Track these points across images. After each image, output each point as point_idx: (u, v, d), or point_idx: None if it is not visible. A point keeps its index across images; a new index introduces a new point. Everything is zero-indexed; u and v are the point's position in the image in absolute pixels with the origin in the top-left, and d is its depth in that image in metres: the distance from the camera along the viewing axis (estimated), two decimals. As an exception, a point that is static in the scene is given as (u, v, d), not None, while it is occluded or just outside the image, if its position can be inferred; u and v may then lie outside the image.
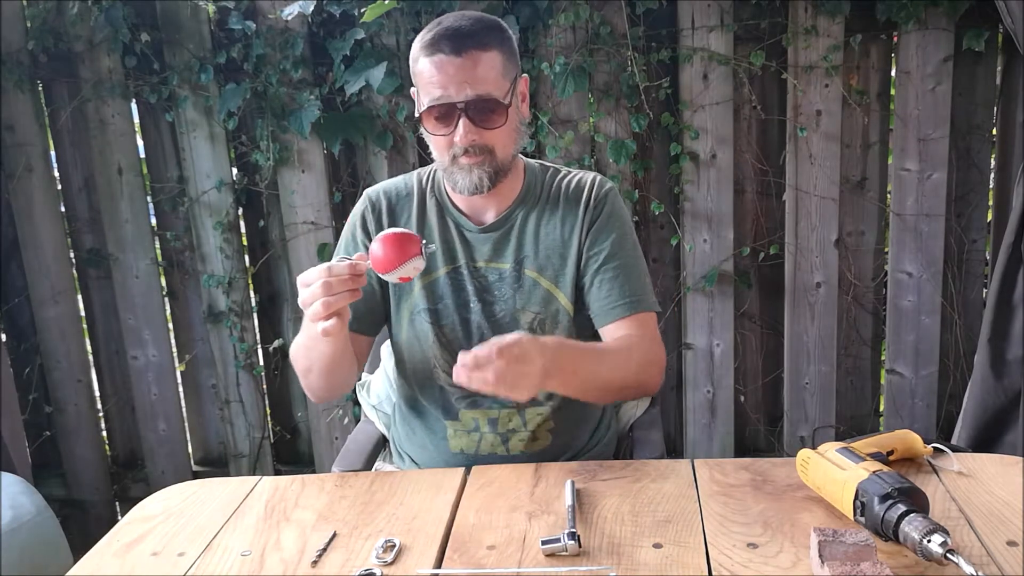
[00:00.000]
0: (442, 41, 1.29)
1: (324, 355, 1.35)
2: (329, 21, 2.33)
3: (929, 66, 2.24)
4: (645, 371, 1.40)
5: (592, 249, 1.42)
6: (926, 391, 2.45)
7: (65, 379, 2.67)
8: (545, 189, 1.47)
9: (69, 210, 2.60)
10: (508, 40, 1.35)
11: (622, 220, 1.46)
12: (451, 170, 1.37)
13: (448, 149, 1.34)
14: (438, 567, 1.03)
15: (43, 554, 1.71)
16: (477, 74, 1.29)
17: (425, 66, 1.31)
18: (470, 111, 1.30)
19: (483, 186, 1.36)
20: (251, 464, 2.66)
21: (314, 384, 1.43)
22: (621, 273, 1.41)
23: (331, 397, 1.51)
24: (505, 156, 1.37)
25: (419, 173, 1.52)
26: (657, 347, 1.42)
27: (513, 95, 1.35)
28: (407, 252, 1.17)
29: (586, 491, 1.18)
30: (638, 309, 1.40)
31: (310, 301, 1.19)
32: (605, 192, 1.45)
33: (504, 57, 1.33)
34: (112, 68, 2.42)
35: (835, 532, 0.96)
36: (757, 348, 2.55)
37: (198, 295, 2.59)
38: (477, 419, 1.45)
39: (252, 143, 2.44)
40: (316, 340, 1.29)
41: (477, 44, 1.29)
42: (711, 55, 2.28)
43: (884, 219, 2.40)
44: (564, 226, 1.44)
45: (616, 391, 1.42)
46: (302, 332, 1.38)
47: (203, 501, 1.24)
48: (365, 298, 1.41)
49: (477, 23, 1.32)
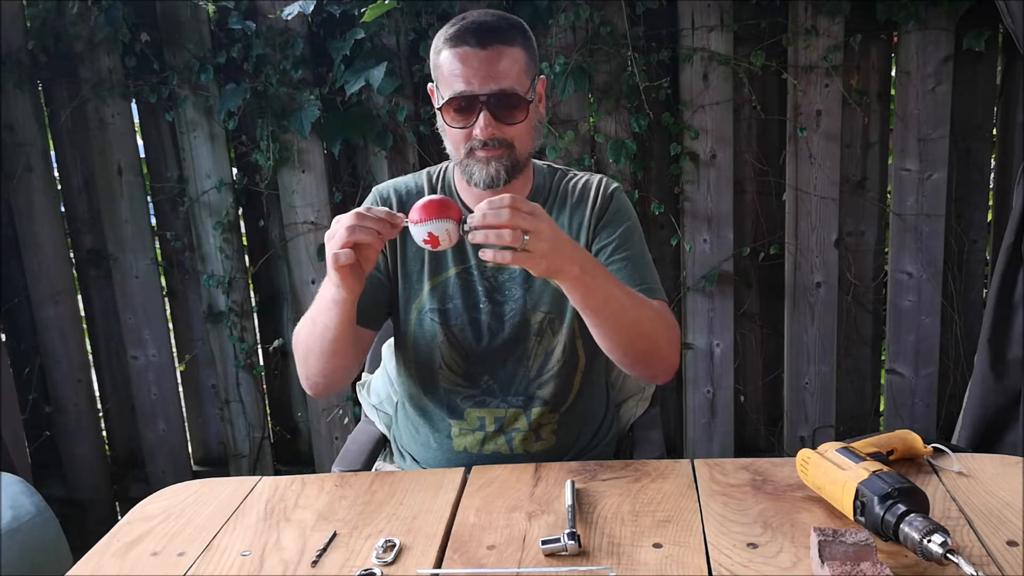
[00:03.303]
0: (468, 34, 1.29)
1: (329, 328, 1.30)
2: (329, 21, 2.33)
3: (929, 66, 2.24)
4: (666, 328, 1.35)
5: (600, 242, 1.42)
6: (926, 391, 2.45)
7: (65, 379, 2.67)
8: (553, 190, 1.47)
9: (69, 210, 2.60)
10: (530, 39, 1.36)
11: (629, 215, 1.46)
12: (467, 163, 1.36)
13: (465, 142, 1.34)
14: (438, 567, 1.03)
15: (43, 554, 1.71)
16: (501, 68, 1.29)
17: (448, 58, 1.31)
18: (492, 105, 1.30)
19: (499, 179, 1.35)
20: (251, 464, 2.66)
21: (312, 369, 1.39)
22: (630, 263, 1.41)
23: (328, 387, 1.44)
24: (523, 152, 1.37)
25: (429, 171, 1.52)
26: (675, 320, 1.40)
27: (532, 93, 1.36)
28: (446, 212, 1.14)
29: (586, 491, 1.18)
30: (652, 296, 1.39)
31: (335, 230, 1.16)
32: (612, 191, 1.46)
33: (527, 56, 1.34)
34: (112, 68, 2.42)
35: (835, 532, 0.96)
36: (757, 348, 2.55)
37: (198, 295, 2.59)
38: (483, 418, 1.45)
39: (252, 143, 2.44)
40: (326, 306, 1.27)
41: (502, 39, 1.30)
42: (711, 55, 2.28)
43: (884, 219, 2.40)
44: (572, 225, 1.44)
45: (635, 323, 1.29)
46: (314, 304, 1.34)
47: (203, 501, 1.24)
48: (372, 290, 1.41)
49: (503, 19, 1.33)
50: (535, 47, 1.38)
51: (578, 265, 1.19)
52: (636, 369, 1.39)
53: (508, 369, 1.44)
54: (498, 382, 1.44)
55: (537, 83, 1.38)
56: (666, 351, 1.35)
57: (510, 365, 1.44)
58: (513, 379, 1.44)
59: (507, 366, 1.44)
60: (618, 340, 1.30)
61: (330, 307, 1.27)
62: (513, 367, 1.44)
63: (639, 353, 1.33)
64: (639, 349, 1.33)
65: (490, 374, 1.44)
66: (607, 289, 1.25)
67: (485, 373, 1.44)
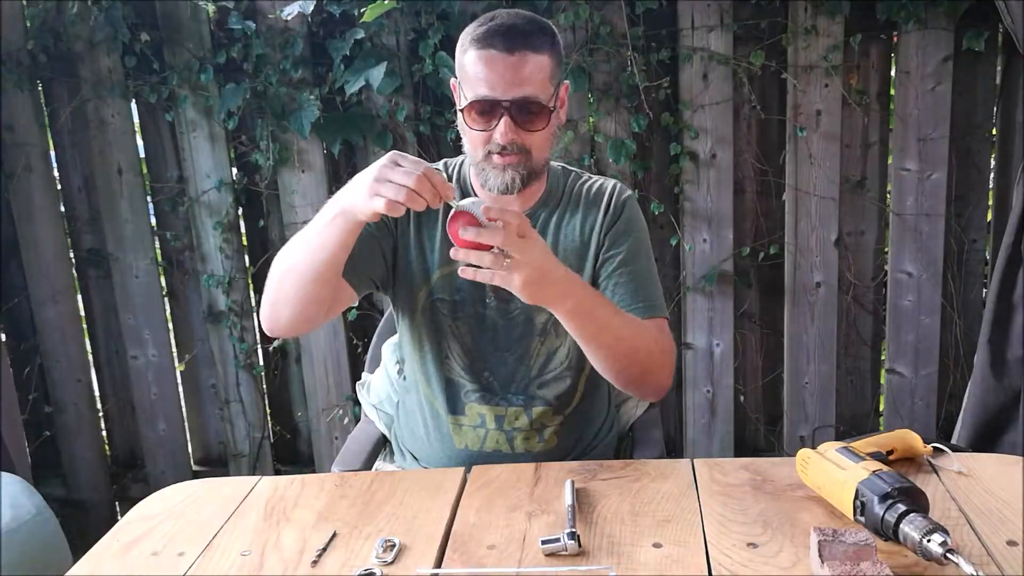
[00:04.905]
0: (496, 37, 1.28)
1: (317, 257, 1.26)
2: (329, 21, 2.33)
3: (929, 66, 2.24)
4: (661, 353, 1.36)
5: (608, 252, 1.42)
6: (926, 391, 2.45)
7: (65, 379, 2.66)
8: (566, 192, 1.47)
9: (69, 210, 2.60)
10: (557, 44, 1.35)
11: (640, 227, 1.46)
12: (483, 167, 1.36)
13: (484, 145, 1.34)
14: (438, 567, 1.03)
15: (43, 554, 1.71)
16: (525, 74, 1.29)
17: (473, 59, 1.30)
18: (513, 111, 1.29)
19: (515, 186, 1.35)
20: (251, 464, 2.66)
21: (282, 297, 1.33)
22: (635, 278, 1.41)
23: (286, 326, 1.37)
24: (540, 159, 1.37)
25: (446, 163, 1.51)
26: (672, 343, 1.41)
27: (555, 100, 1.35)
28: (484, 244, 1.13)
29: (586, 491, 1.18)
30: (653, 314, 1.39)
31: (397, 179, 1.13)
32: (625, 199, 1.46)
33: (553, 62, 1.33)
34: (112, 68, 2.41)
35: (835, 532, 0.96)
36: (757, 348, 2.55)
37: (198, 295, 2.59)
38: (484, 415, 1.45)
39: (252, 143, 2.44)
40: (326, 229, 1.23)
41: (530, 45, 1.29)
42: (711, 55, 2.28)
43: (884, 219, 2.40)
44: (583, 228, 1.44)
45: (628, 352, 1.31)
46: (311, 224, 1.28)
47: (203, 501, 1.24)
48: (370, 255, 1.40)
49: (532, 23, 1.32)
50: (562, 52, 1.37)
51: (572, 300, 1.22)
52: (627, 388, 1.42)
53: (509, 367, 1.44)
54: (498, 379, 1.44)
55: (560, 89, 1.38)
56: (657, 375, 1.37)
57: (511, 363, 1.44)
58: (513, 377, 1.44)
59: (508, 364, 1.44)
60: (609, 365, 1.32)
61: (331, 230, 1.22)
62: (514, 365, 1.44)
63: (630, 377, 1.35)
64: (630, 374, 1.35)
65: (491, 370, 1.44)
66: (602, 320, 1.26)
67: (486, 369, 1.44)
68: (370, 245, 1.40)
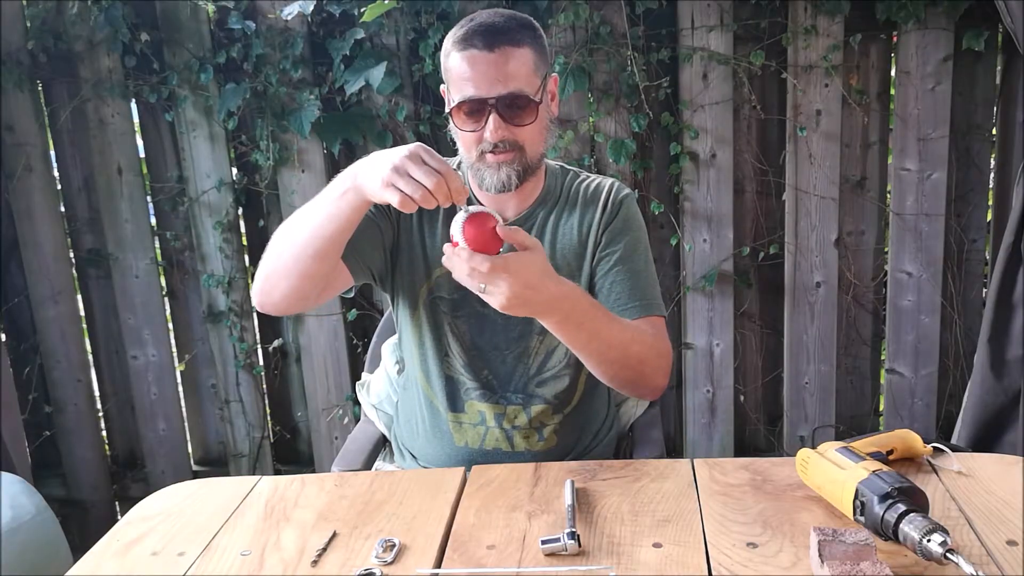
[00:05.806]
0: (475, 36, 1.29)
1: (322, 231, 1.25)
2: (329, 21, 2.33)
3: (929, 66, 2.24)
4: (656, 357, 1.36)
5: (605, 249, 1.42)
6: (926, 391, 2.45)
7: (65, 379, 2.66)
8: (564, 190, 1.47)
9: (69, 210, 2.60)
10: (540, 38, 1.36)
11: (637, 225, 1.46)
12: (478, 167, 1.36)
13: (476, 145, 1.34)
14: (438, 567, 1.03)
15: (43, 554, 1.71)
16: (509, 70, 1.29)
17: (457, 61, 1.31)
18: (500, 107, 1.30)
19: (511, 183, 1.36)
20: (251, 464, 2.66)
21: (281, 268, 1.31)
22: (632, 276, 1.41)
23: (281, 303, 1.36)
24: (534, 154, 1.37)
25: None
26: (667, 345, 1.41)
27: (543, 93, 1.35)
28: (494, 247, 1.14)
29: (586, 491, 1.18)
30: (649, 312, 1.39)
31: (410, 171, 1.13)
32: (622, 197, 1.46)
33: (536, 55, 1.33)
34: (112, 68, 2.41)
35: (835, 532, 0.96)
36: (757, 348, 2.55)
37: (198, 295, 2.59)
38: (484, 412, 1.45)
39: (252, 143, 2.44)
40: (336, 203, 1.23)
41: (510, 40, 1.30)
42: (711, 55, 2.28)
43: (884, 219, 2.41)
44: (581, 227, 1.44)
45: (621, 358, 1.30)
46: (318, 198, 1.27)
47: (203, 501, 1.24)
48: (371, 244, 1.40)
49: (510, 20, 1.33)
50: (545, 45, 1.37)
51: (560, 313, 1.22)
52: (622, 390, 1.43)
53: (508, 365, 1.44)
54: (498, 377, 1.45)
55: (548, 81, 1.38)
56: (651, 378, 1.37)
57: (510, 361, 1.44)
58: (512, 375, 1.44)
59: (507, 362, 1.44)
60: (603, 370, 1.33)
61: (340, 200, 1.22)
62: (513, 363, 1.44)
63: (624, 380, 1.36)
64: (624, 377, 1.35)
65: (490, 368, 1.44)
66: (593, 328, 1.26)
67: (486, 367, 1.44)
68: (371, 234, 1.40)
